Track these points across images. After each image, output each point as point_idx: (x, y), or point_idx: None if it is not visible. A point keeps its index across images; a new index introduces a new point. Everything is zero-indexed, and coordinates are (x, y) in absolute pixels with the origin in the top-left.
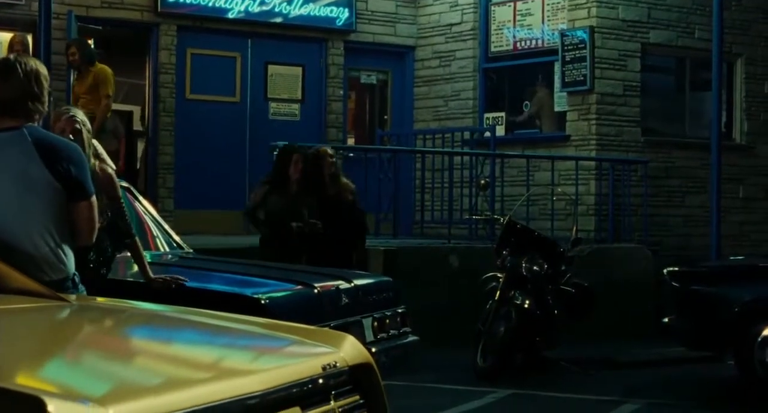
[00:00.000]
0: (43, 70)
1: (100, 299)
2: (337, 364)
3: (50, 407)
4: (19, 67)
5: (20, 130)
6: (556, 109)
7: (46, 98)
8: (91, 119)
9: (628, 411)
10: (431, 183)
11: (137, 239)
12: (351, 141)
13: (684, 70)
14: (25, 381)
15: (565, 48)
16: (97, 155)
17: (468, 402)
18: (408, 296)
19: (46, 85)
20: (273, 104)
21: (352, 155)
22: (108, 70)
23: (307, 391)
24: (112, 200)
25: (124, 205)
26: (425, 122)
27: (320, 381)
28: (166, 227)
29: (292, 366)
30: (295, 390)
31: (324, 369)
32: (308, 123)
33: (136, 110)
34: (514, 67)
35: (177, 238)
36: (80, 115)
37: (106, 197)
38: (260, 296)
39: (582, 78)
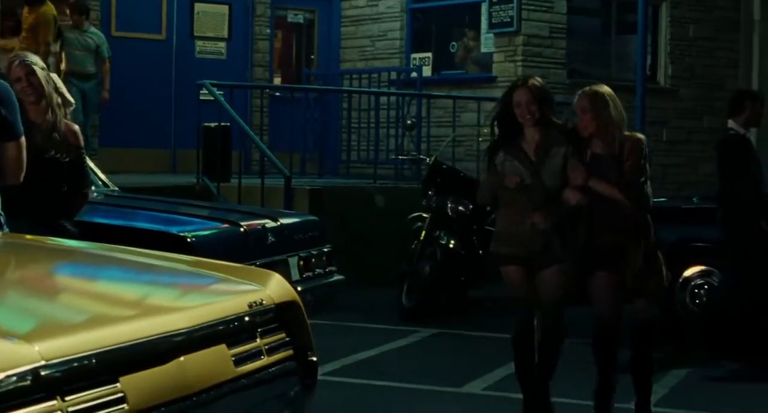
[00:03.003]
0: None
1: (28, 236)
2: (263, 302)
3: None
4: None
5: None
6: (483, 50)
7: None
8: None
9: None
10: (357, 123)
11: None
12: (277, 80)
13: (610, 12)
14: None
15: None
16: (56, 89)
17: (392, 341)
18: (333, 236)
19: None
20: (199, 42)
21: (278, 94)
22: (50, 13)
23: (233, 329)
24: (75, 148)
25: (84, 154)
26: (352, 62)
27: (246, 318)
28: (92, 165)
29: (218, 303)
30: (221, 328)
31: (250, 306)
32: (235, 62)
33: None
34: (441, 7)
35: (103, 177)
36: (31, 57)
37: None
38: (186, 234)
39: (509, 19)
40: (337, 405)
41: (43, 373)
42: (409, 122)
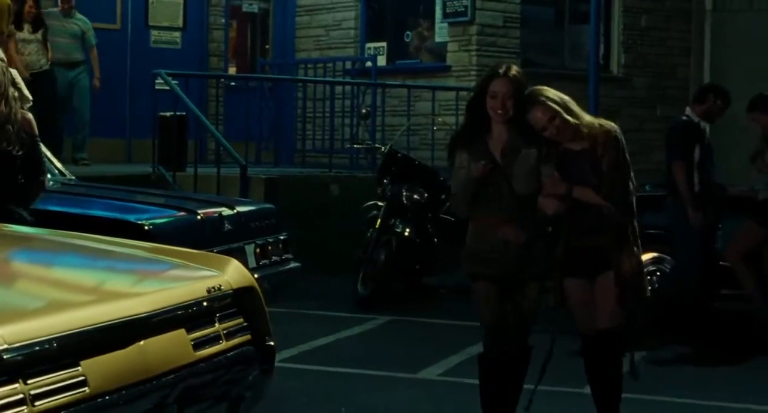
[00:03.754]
0: None
1: None
2: (222, 287)
3: None
4: None
5: None
6: (437, 40)
7: None
8: None
9: None
10: (312, 112)
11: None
12: (232, 70)
13: (563, 2)
14: None
15: None
16: (14, 84)
17: (348, 328)
18: (289, 224)
19: None
20: (154, 32)
21: (233, 83)
22: (4, 2)
23: (192, 313)
24: (30, 137)
25: (39, 143)
26: (307, 52)
27: (205, 303)
28: (48, 154)
29: (177, 288)
30: (180, 313)
31: (209, 291)
32: (190, 51)
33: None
34: None
35: (59, 165)
36: None
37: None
38: (143, 222)
39: (463, 9)
40: (295, 390)
41: (5, 357)
42: (363, 111)
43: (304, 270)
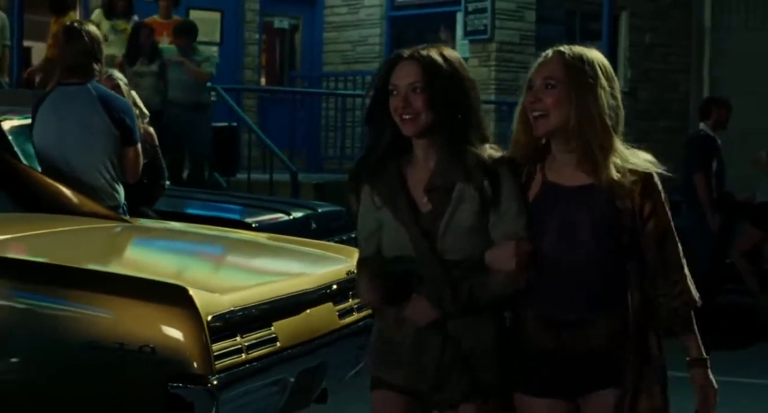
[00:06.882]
0: (99, 34)
1: (144, 220)
2: (354, 270)
3: (191, 291)
4: (84, 33)
5: (85, 85)
6: None
7: (103, 58)
8: None
9: None
10: (342, 122)
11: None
12: (263, 81)
13: (574, 21)
14: (161, 277)
15: (468, 0)
16: (135, 104)
17: None
18: None
19: (102, 47)
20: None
21: (266, 95)
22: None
23: (337, 290)
24: (152, 148)
25: (159, 152)
26: (334, 65)
27: (345, 283)
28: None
29: (329, 270)
30: (331, 289)
31: (348, 273)
32: (226, 65)
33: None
34: (419, 16)
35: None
36: (116, 73)
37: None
38: (250, 221)
39: (483, 28)
40: None
41: (230, 317)
42: None
43: None
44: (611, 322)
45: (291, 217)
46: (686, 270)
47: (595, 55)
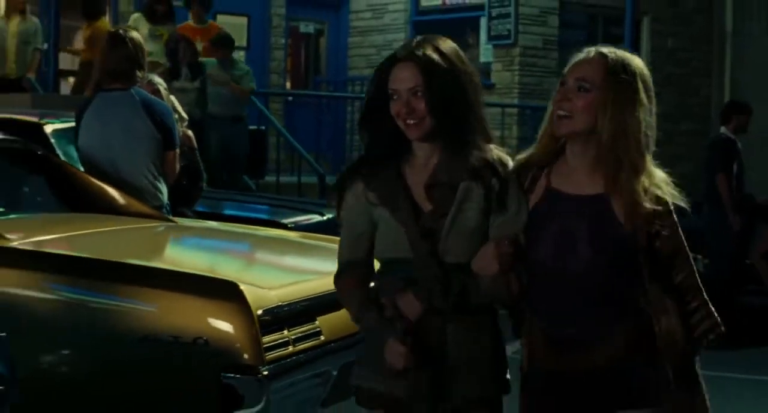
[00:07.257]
0: (142, 41)
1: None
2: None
3: (242, 287)
4: (128, 40)
5: (129, 91)
6: (482, 60)
7: (146, 64)
8: None
9: None
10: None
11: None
12: (288, 85)
13: (597, 26)
14: (212, 273)
15: (491, 5)
16: (174, 108)
17: None
18: None
19: (146, 54)
20: None
21: (291, 99)
22: (105, 28)
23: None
24: (190, 150)
25: (197, 154)
26: (358, 69)
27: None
28: None
29: None
30: None
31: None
32: (253, 69)
33: None
34: (443, 20)
35: None
36: (156, 78)
37: (186, 148)
38: (286, 221)
39: (506, 33)
40: None
41: (278, 312)
42: None
43: None
44: (612, 338)
45: (324, 217)
46: (705, 295)
47: (637, 64)
